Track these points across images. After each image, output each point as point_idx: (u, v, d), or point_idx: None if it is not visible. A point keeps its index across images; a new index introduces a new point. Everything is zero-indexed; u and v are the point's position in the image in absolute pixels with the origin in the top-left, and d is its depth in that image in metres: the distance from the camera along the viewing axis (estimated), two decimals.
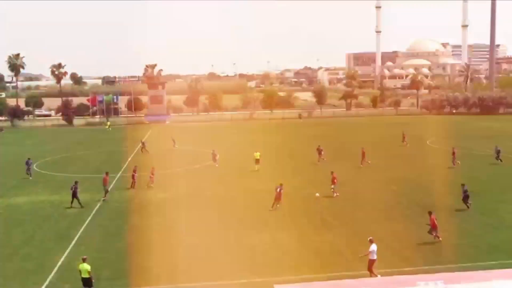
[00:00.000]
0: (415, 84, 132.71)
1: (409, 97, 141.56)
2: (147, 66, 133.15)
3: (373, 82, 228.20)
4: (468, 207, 31.43)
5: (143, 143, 60.82)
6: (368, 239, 22.37)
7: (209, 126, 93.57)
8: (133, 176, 39.63)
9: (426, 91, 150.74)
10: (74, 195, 34.27)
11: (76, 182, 35.17)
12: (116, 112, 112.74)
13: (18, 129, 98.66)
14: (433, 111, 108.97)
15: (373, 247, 21.66)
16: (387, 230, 27.77)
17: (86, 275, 20.09)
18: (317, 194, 30.05)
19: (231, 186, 40.06)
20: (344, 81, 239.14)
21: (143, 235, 27.95)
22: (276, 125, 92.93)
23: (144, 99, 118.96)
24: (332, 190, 35.36)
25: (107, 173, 37.67)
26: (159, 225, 29.72)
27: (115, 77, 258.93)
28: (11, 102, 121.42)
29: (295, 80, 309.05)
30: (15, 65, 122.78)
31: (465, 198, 31.55)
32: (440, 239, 25.56)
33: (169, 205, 34.53)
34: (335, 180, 35.59)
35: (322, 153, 49.26)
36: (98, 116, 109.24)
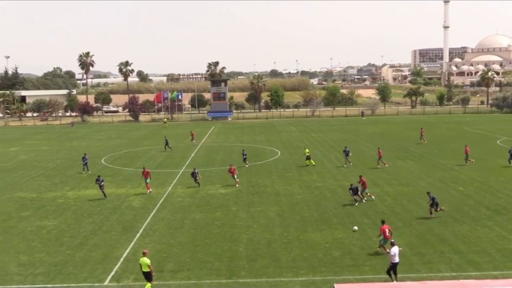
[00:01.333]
0: (485, 81, 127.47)
1: (478, 95, 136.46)
2: (210, 63, 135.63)
3: (439, 79, 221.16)
4: (431, 212, 29.40)
5: (192, 134, 66.81)
6: (390, 242, 21.77)
7: (270, 123, 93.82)
8: (192, 174, 39.82)
9: (497, 88, 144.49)
10: (101, 188, 36.28)
11: (98, 176, 37.24)
12: (180, 108, 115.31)
13: (87, 124, 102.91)
14: (504, 109, 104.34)
15: (394, 250, 20.84)
16: (453, 232, 26.85)
17: (146, 269, 20.37)
18: (355, 228, 27.60)
19: (292, 182, 40.00)
20: (409, 78, 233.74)
21: (205, 230, 28.42)
22: (338, 122, 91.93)
23: (207, 96, 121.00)
24: (367, 194, 33.70)
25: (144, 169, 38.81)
26: (220, 220, 30.11)
27: (179, 75, 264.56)
28: (82, 98, 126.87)
29: (358, 77, 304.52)
30: (85, 63, 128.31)
31: (433, 205, 29.36)
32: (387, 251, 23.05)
33: (230, 200, 34.91)
34: (365, 184, 33.87)
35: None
36: (163, 113, 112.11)
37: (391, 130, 76.55)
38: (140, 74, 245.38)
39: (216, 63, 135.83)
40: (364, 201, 32.95)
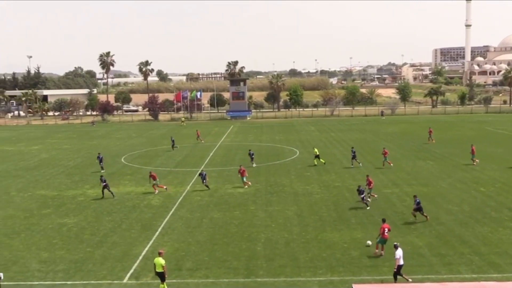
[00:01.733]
0: (507, 80, 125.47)
1: (501, 94, 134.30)
2: (229, 63, 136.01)
3: (461, 78, 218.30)
4: (415, 216, 28.79)
5: (198, 133, 67.97)
6: (393, 244, 21.43)
7: (289, 123, 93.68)
8: (200, 175, 39.20)
9: None
10: (105, 187, 36.29)
11: (101, 176, 38.27)
12: (199, 108, 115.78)
13: (107, 123, 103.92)
14: None
15: (399, 252, 20.59)
16: (474, 234, 26.49)
17: (160, 270, 20.33)
18: (369, 242, 26.87)
19: (311, 182, 39.88)
20: (430, 77, 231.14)
21: (223, 229, 28.49)
22: (357, 122, 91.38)
23: (226, 95, 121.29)
24: (370, 194, 33.23)
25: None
26: (238, 219, 30.16)
27: (198, 74, 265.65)
28: (102, 97, 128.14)
29: (378, 76, 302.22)
30: (105, 62, 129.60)
31: (417, 210, 28.71)
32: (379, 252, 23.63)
33: (249, 200, 34.94)
34: (371, 184, 33.64)
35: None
36: (182, 112, 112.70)
37: (411, 130, 75.80)
38: (159, 74, 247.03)
39: (235, 63, 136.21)
40: (368, 200, 32.61)
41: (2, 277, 18.42)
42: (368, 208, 31.61)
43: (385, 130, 76.37)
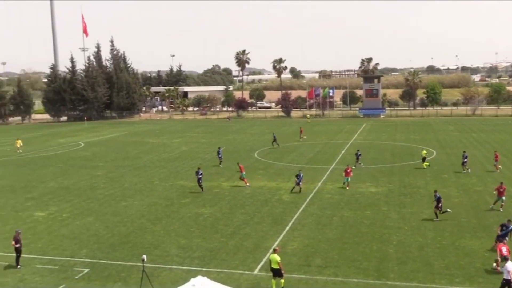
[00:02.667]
0: None
1: None
2: (363, 60, 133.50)
3: None
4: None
5: (301, 131, 68.53)
6: (504, 256, 19.44)
7: (426, 122, 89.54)
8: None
9: None
10: (199, 181, 37.69)
11: (198, 169, 38.87)
12: (332, 105, 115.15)
13: (242, 119, 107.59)
14: None
15: (509, 266, 18.65)
16: None
17: (276, 266, 20.37)
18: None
19: (448, 185, 37.76)
20: None
21: (354, 228, 28.07)
22: (503, 122, 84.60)
23: (359, 92, 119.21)
24: (502, 204, 30.36)
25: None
26: (370, 219, 29.50)
27: (331, 71, 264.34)
28: (237, 94, 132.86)
29: None
30: (241, 60, 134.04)
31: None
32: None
33: (381, 200, 34.04)
34: (502, 193, 30.39)
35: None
36: (314, 109, 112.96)
37: None
38: (292, 71, 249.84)
39: (369, 59, 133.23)
40: (500, 209, 30.17)
41: (145, 259, 19.92)
42: (437, 219, 28.98)
43: None
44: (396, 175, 41.70)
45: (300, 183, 36.90)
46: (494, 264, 21.85)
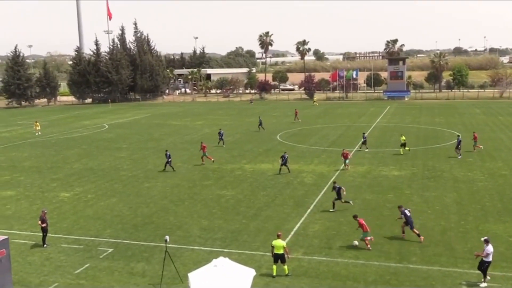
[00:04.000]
0: None
1: None
2: (388, 41, 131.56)
3: None
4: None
5: (296, 112, 69.26)
6: (483, 239, 19.41)
7: (452, 104, 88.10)
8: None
9: None
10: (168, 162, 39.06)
11: (166, 151, 40.91)
12: (355, 87, 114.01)
13: (265, 101, 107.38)
14: None
15: (489, 248, 18.81)
16: None
17: (281, 251, 20.07)
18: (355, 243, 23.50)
19: (473, 168, 37.22)
20: None
21: (376, 211, 27.94)
22: None
23: (384, 74, 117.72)
24: None
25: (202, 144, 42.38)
26: (392, 203, 29.28)
27: (355, 53, 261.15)
28: (260, 76, 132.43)
29: None
30: (264, 42, 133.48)
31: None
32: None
33: (404, 183, 33.76)
34: None
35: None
36: (337, 91, 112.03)
37: None
38: (316, 53, 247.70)
39: (395, 41, 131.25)
40: None
41: (168, 240, 20.18)
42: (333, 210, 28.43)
43: None
44: (420, 159, 41.26)
45: (286, 164, 37.14)
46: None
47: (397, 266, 20.75)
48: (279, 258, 20.13)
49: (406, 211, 23.71)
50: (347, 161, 38.28)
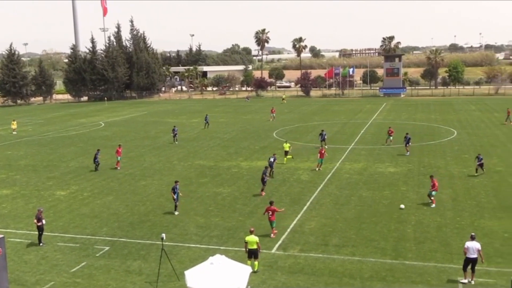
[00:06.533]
0: None
1: None
2: (384, 38, 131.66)
3: None
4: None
5: (272, 111, 68.29)
6: (470, 235, 19.63)
7: (447, 101, 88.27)
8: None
9: None
10: (94, 159, 39.25)
11: (98, 150, 40.20)
12: (351, 84, 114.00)
13: (261, 98, 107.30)
14: None
15: (467, 244, 19.11)
16: None
17: (254, 246, 20.14)
18: (402, 206, 26.96)
19: (469, 165, 37.32)
20: None
21: (372, 208, 28.02)
22: None
23: (380, 71, 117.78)
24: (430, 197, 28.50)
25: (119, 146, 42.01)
26: (388, 199, 29.40)
27: (351, 50, 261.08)
28: (257, 74, 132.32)
29: None
30: (261, 39, 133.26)
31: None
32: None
33: (400, 180, 33.85)
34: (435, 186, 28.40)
35: None
36: (333, 88, 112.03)
37: None
38: (312, 50, 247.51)
39: (391, 38, 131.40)
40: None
41: (164, 237, 20.19)
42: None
43: None
44: (416, 155, 41.37)
45: (272, 167, 35.20)
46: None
47: (393, 263, 20.83)
48: (252, 254, 20.25)
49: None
50: (322, 160, 37.25)
